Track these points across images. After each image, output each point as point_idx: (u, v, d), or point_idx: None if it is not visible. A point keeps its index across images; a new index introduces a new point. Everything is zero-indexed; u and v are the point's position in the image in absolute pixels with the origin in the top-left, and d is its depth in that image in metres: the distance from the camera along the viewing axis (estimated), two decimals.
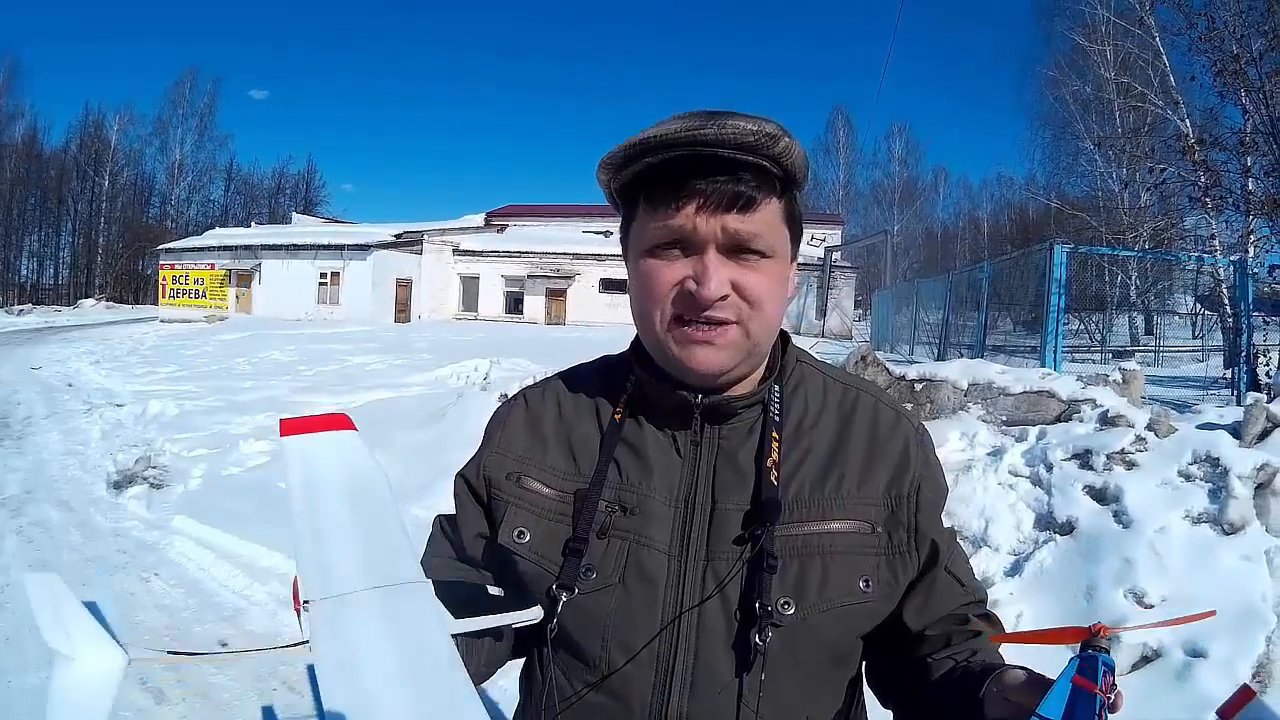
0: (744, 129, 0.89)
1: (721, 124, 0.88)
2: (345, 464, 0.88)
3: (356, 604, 0.72)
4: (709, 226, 0.92)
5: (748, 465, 1.00)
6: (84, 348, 20.77)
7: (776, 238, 0.96)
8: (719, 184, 0.90)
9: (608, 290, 34.03)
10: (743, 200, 0.91)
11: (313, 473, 0.86)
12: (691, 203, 0.91)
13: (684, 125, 0.89)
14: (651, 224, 0.95)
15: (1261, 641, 3.50)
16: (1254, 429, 4.52)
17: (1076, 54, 22.10)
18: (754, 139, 0.89)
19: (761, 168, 0.92)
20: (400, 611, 0.72)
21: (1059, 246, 10.25)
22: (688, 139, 0.89)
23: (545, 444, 1.08)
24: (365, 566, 0.75)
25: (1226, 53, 12.77)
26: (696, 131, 0.89)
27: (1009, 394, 5.57)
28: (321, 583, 0.73)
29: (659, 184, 0.93)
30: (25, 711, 3.34)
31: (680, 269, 0.94)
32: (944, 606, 1.03)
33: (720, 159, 0.90)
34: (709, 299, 0.92)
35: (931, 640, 1.01)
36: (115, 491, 7.05)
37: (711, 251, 0.93)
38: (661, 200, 0.93)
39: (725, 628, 0.94)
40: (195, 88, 61.41)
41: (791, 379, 1.08)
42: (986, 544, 4.46)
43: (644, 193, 0.96)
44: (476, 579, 1.06)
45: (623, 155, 0.95)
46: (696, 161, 0.90)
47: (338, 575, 0.74)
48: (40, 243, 56.98)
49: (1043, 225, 28.45)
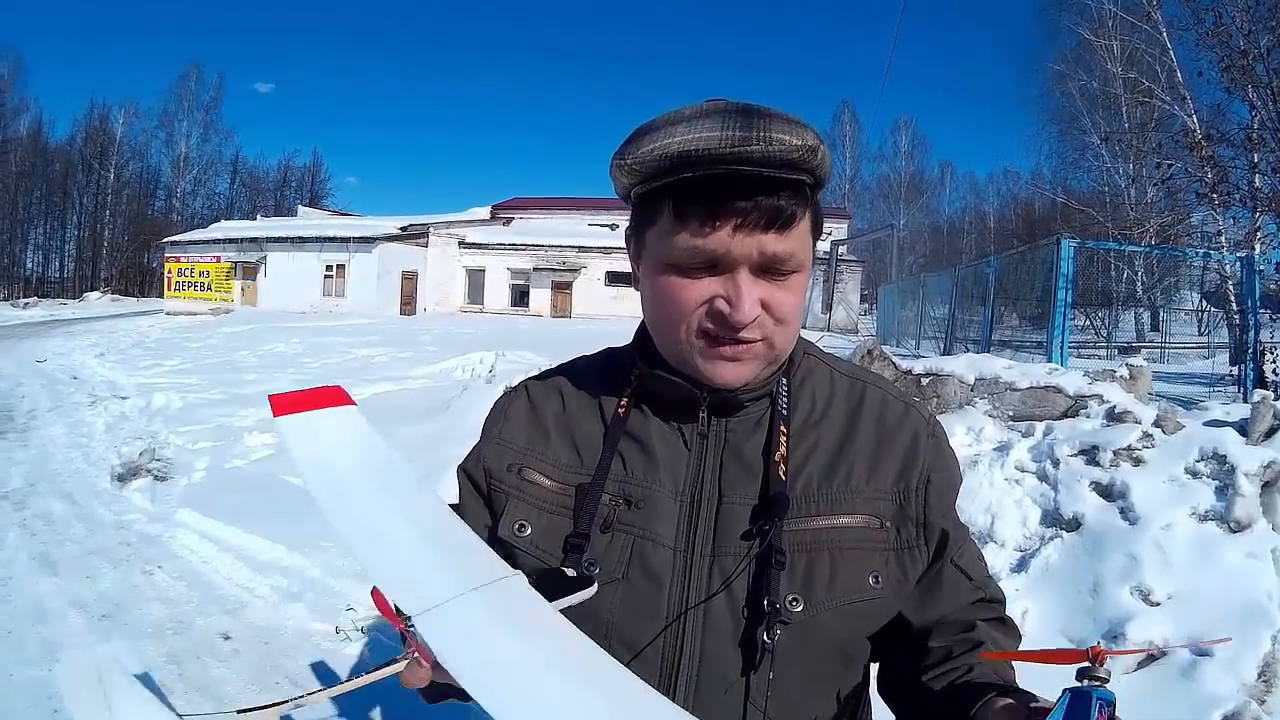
0: (789, 144, 0.83)
1: (768, 139, 0.82)
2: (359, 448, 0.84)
3: (464, 610, 0.69)
4: (744, 248, 0.86)
5: (755, 459, 0.98)
6: (88, 341, 20.80)
7: (806, 251, 0.92)
8: (759, 202, 0.85)
9: (614, 283, 34.01)
10: (782, 219, 0.86)
11: (326, 461, 0.82)
12: (729, 223, 0.85)
13: (726, 137, 0.82)
14: (681, 241, 0.88)
15: (1267, 640, 3.48)
16: (1261, 426, 4.51)
17: (1083, 49, 22.05)
18: (798, 154, 0.83)
19: (799, 183, 0.87)
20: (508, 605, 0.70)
21: (1066, 241, 10.21)
22: (732, 156, 0.82)
23: (547, 436, 1.06)
24: (454, 568, 0.72)
25: (1234, 48, 12.75)
26: (743, 148, 0.82)
27: (1015, 389, 5.54)
28: (417, 595, 0.69)
29: (693, 197, 0.86)
30: (26, 705, 3.33)
31: (709, 287, 0.89)
32: (949, 602, 1.01)
33: (762, 176, 0.84)
34: (743, 323, 0.88)
35: (932, 652, 0.98)
36: (119, 484, 7.05)
37: (744, 272, 0.88)
38: (695, 216, 0.86)
39: (732, 625, 0.92)
40: (200, 81, 61.68)
41: (799, 372, 1.06)
42: (992, 540, 4.44)
43: (673, 203, 0.88)
44: None
45: (655, 165, 0.86)
46: (737, 179, 0.84)
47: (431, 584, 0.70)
48: (45, 236, 57.23)
49: (1049, 220, 28.46)
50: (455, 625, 0.67)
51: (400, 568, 0.72)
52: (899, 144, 60.91)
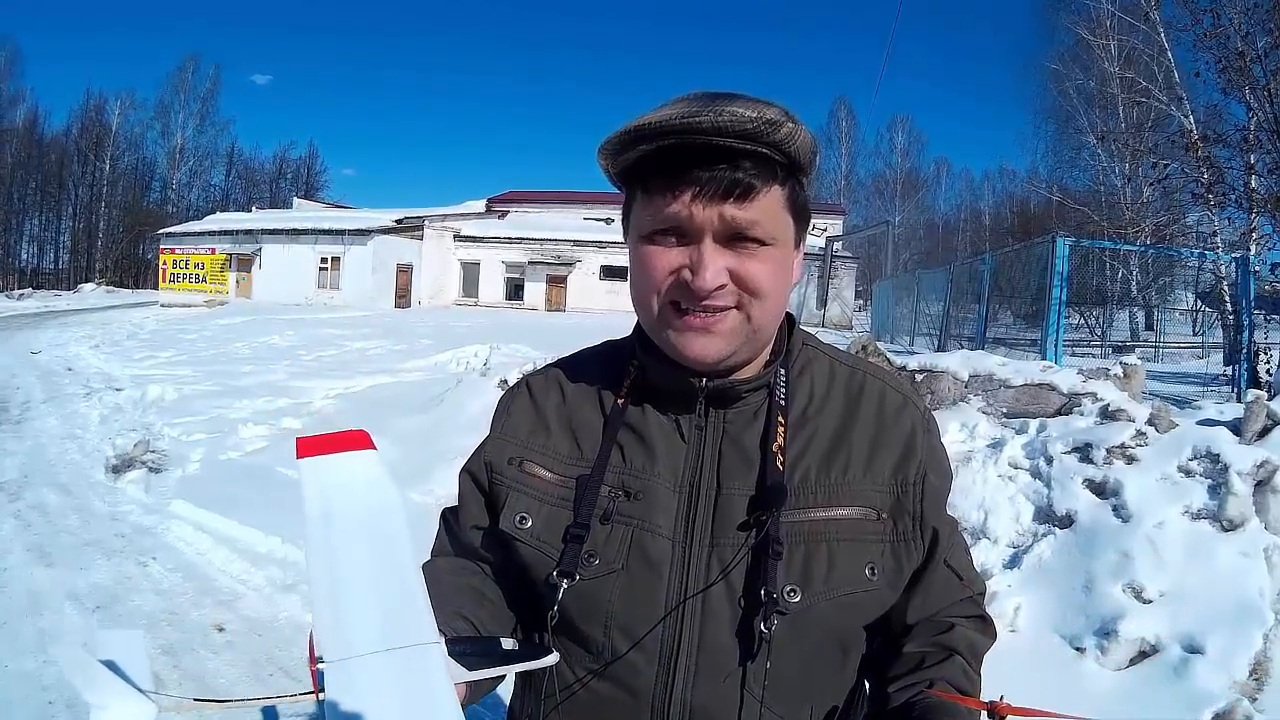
0: (742, 116, 0.85)
1: (719, 111, 0.84)
2: (364, 494, 0.85)
3: (371, 667, 0.72)
4: (705, 215, 0.89)
5: (753, 449, 0.98)
6: (83, 332, 20.78)
7: (778, 225, 0.93)
8: (716, 172, 0.87)
9: (608, 277, 34.01)
10: (740, 188, 0.88)
11: (330, 505, 0.84)
12: (687, 191, 0.88)
13: (680, 112, 0.85)
14: (647, 211, 0.93)
15: (1259, 639, 3.50)
16: (1254, 426, 4.52)
17: (1080, 48, 22.06)
18: (753, 126, 0.85)
19: (762, 155, 0.88)
20: (412, 672, 0.73)
21: (1061, 240, 10.23)
22: (682, 126, 0.85)
23: (547, 428, 1.07)
24: (381, 625, 0.75)
25: (1231, 49, 12.76)
26: (692, 119, 0.85)
27: (1010, 386, 5.55)
28: (337, 643, 0.73)
29: (655, 171, 0.90)
30: (22, 695, 3.34)
31: (676, 257, 0.92)
32: (940, 601, 1.04)
33: (719, 147, 0.87)
34: (704, 289, 0.89)
35: (905, 658, 1.02)
36: (113, 475, 7.05)
37: (708, 241, 0.90)
38: (657, 188, 0.91)
39: (730, 614, 0.93)
40: (198, 72, 61.55)
41: (797, 362, 1.06)
42: (985, 536, 4.46)
43: (641, 178, 0.93)
44: (477, 572, 1.06)
45: (618, 141, 0.91)
46: (695, 149, 0.87)
47: (354, 635, 0.74)
48: (40, 227, 57.05)
49: (1044, 219, 28.42)
50: (357, 680, 0.71)
51: (338, 614, 0.76)
52: (895, 141, 61.11)
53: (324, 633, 0.74)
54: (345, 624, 0.75)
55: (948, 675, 0.97)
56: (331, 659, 0.72)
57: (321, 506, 0.84)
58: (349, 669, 0.72)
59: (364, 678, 0.71)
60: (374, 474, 0.88)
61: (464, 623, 0.93)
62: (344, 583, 0.78)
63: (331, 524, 0.83)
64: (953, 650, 1.01)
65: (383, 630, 0.75)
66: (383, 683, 0.71)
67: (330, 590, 0.78)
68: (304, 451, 0.88)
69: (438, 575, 1.01)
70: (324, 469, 0.87)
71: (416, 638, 0.74)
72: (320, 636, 0.74)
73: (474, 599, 1.00)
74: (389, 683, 0.71)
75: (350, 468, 0.88)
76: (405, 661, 0.73)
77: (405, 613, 0.77)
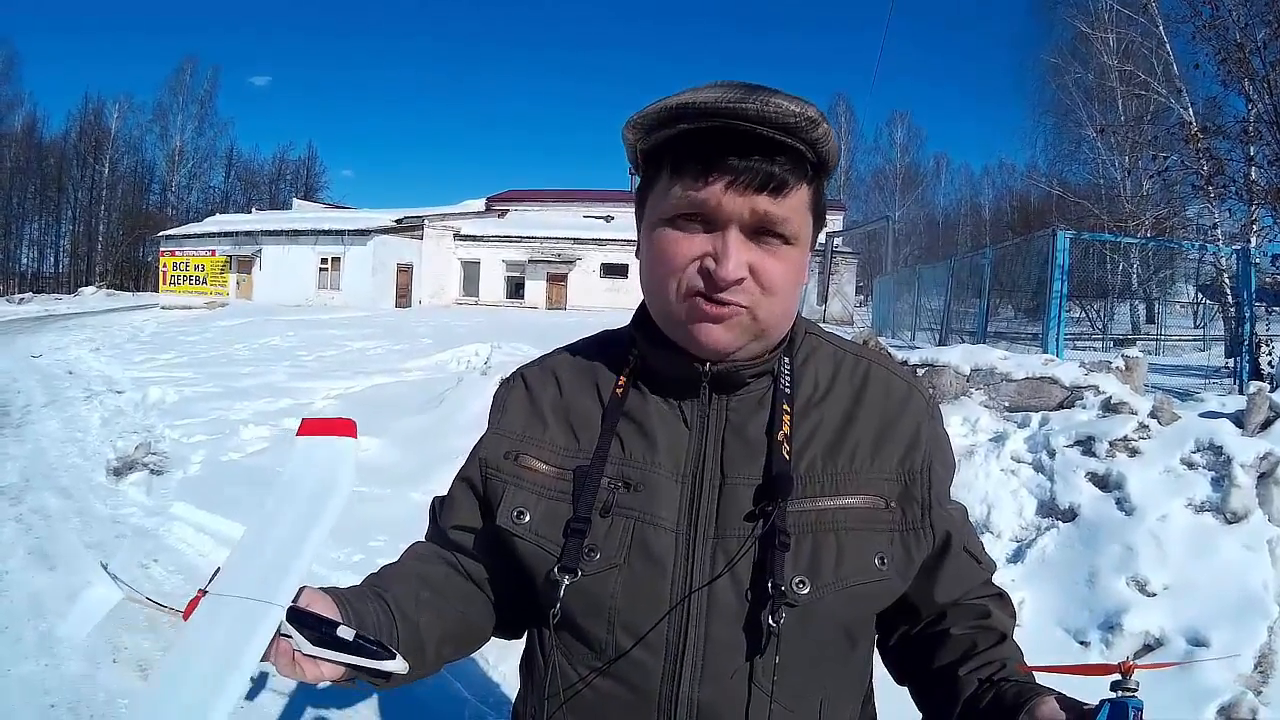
0: (786, 109, 0.85)
1: (765, 100, 0.84)
2: (320, 470, 0.93)
3: (227, 607, 0.81)
4: (736, 205, 0.88)
5: (758, 438, 0.97)
6: (84, 335, 20.76)
7: (802, 224, 0.94)
8: (753, 163, 0.87)
9: (609, 275, 34.07)
10: (775, 182, 0.88)
11: (294, 474, 0.93)
12: (722, 179, 0.87)
13: (726, 95, 0.85)
14: (675, 194, 0.91)
15: (1263, 631, 3.49)
16: (1257, 418, 4.50)
17: (1079, 41, 21.99)
18: (794, 120, 0.85)
19: (797, 151, 0.88)
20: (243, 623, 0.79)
21: (1062, 233, 10.21)
22: (728, 110, 0.84)
23: (544, 421, 1.05)
24: (258, 578, 0.82)
25: (1230, 41, 12.71)
26: (739, 104, 0.84)
27: (1011, 380, 5.54)
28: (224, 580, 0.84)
29: (690, 154, 0.89)
30: (23, 700, 3.33)
31: (700, 244, 0.91)
32: (964, 584, 1.04)
33: (757, 137, 0.86)
34: (726, 280, 0.88)
35: (957, 641, 1.01)
36: (115, 478, 7.03)
37: (734, 231, 0.89)
38: (690, 171, 0.89)
39: (736, 608, 0.91)
40: (196, 74, 61.59)
41: (801, 351, 1.05)
42: (988, 530, 4.45)
43: (671, 160, 0.92)
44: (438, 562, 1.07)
45: (656, 117, 0.90)
46: (732, 136, 0.86)
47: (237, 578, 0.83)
48: (40, 231, 57.14)
49: (1044, 213, 28.33)
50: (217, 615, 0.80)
51: (241, 559, 0.86)
52: (894, 136, 61.06)
53: (224, 569, 0.85)
54: (239, 567, 0.85)
55: (1014, 656, 1.00)
56: (211, 591, 0.82)
57: (289, 473, 0.93)
58: (217, 604, 0.81)
59: (220, 615, 0.80)
60: (340, 457, 0.94)
61: (378, 603, 0.93)
62: (259, 535, 0.88)
63: (283, 488, 0.92)
64: (1001, 632, 1.02)
65: (256, 582, 0.82)
66: (222, 623, 0.79)
67: (249, 539, 0.89)
68: (302, 431, 0.96)
69: (403, 557, 1.06)
70: (307, 446, 0.95)
71: (267, 596, 0.80)
72: (222, 572, 0.85)
73: (410, 584, 1.00)
74: (225, 625, 0.79)
75: (325, 449, 0.95)
76: (247, 612, 0.79)
77: (275, 572, 0.83)
